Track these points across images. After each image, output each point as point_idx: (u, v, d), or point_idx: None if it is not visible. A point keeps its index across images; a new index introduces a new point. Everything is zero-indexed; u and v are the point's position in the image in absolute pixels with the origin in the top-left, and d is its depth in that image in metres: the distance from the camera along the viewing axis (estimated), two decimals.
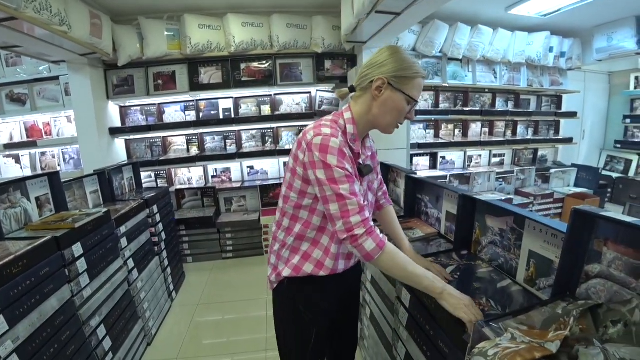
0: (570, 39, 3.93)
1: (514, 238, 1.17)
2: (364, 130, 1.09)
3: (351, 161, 1.00)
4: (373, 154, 1.22)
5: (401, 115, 1.03)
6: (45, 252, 1.36)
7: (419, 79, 1.01)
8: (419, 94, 1.02)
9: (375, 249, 0.92)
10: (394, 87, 0.98)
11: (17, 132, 3.52)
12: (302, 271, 1.07)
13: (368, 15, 2.24)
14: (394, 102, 1.00)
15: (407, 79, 0.98)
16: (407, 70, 0.98)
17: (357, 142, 1.05)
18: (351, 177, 0.96)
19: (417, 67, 1.01)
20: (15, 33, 2.13)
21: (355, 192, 0.95)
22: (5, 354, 1.10)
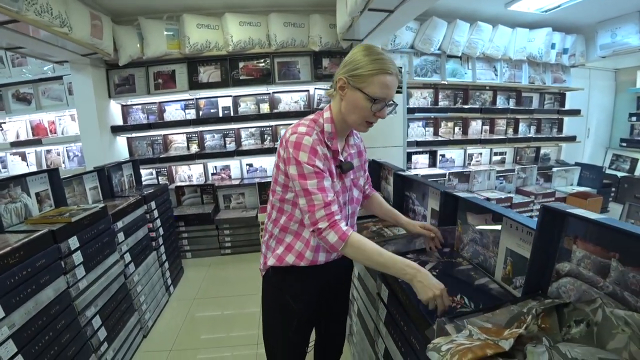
0: (573, 35, 3.87)
1: (492, 236, 1.18)
2: (343, 129, 1.12)
3: (326, 158, 1.03)
4: (360, 152, 1.25)
5: (365, 113, 1.02)
6: (42, 245, 1.41)
7: (380, 76, 0.98)
8: (382, 91, 0.99)
9: (337, 241, 0.97)
10: (352, 86, 1.01)
11: (24, 131, 3.61)
12: (285, 261, 1.12)
13: (361, 13, 2.25)
14: (354, 100, 1.01)
15: (363, 77, 0.99)
16: (363, 69, 0.98)
17: (335, 140, 1.08)
18: (321, 174, 0.99)
19: (378, 64, 0.98)
20: (19, 35, 2.20)
21: (324, 187, 0.99)
22: (1, 339, 1.15)
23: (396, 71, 1.02)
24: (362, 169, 1.26)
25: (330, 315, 1.39)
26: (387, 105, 1.04)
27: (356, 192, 1.20)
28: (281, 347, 1.23)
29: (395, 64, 1.04)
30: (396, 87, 1.04)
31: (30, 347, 1.26)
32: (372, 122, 1.06)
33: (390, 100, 1.04)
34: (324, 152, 1.03)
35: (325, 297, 1.28)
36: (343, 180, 1.12)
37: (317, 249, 1.11)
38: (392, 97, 1.04)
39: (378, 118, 1.05)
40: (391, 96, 1.03)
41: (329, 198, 0.99)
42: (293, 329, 1.19)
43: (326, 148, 1.06)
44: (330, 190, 1.01)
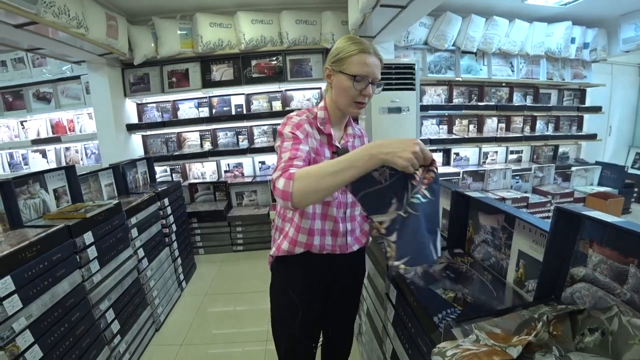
0: (595, 28, 3.74)
1: (504, 237, 1.15)
2: (337, 116, 1.16)
3: (311, 136, 1.08)
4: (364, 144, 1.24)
5: (350, 93, 1.06)
6: (58, 239, 1.45)
7: (358, 56, 1.04)
8: (362, 68, 1.03)
9: (286, 182, 0.85)
10: (335, 71, 1.08)
11: (44, 129, 3.73)
12: (281, 249, 1.15)
13: (373, 9, 2.22)
14: (339, 83, 1.07)
15: (342, 59, 1.05)
16: (343, 52, 1.06)
17: (328, 125, 1.13)
18: (298, 139, 1.01)
19: (356, 45, 1.04)
20: (38, 36, 2.27)
21: (297, 148, 0.98)
22: (19, 329, 1.20)
23: (377, 53, 1.07)
24: None
25: (338, 316, 1.39)
26: (372, 84, 1.07)
27: None
28: (284, 341, 1.24)
29: (373, 46, 1.08)
30: (378, 67, 1.07)
31: (46, 338, 1.30)
32: (361, 101, 1.08)
33: (375, 79, 1.07)
34: (310, 131, 1.08)
35: (333, 297, 1.28)
36: None
37: (311, 232, 1.12)
38: (375, 76, 1.07)
39: (366, 97, 1.08)
40: (373, 74, 1.06)
41: (296, 155, 0.96)
42: (296, 324, 1.19)
43: (318, 132, 1.11)
44: (301, 151, 0.98)
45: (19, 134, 3.79)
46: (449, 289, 1.08)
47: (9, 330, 1.16)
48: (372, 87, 1.08)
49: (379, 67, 1.08)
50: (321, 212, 1.13)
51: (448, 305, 1.00)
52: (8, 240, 1.34)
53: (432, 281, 1.13)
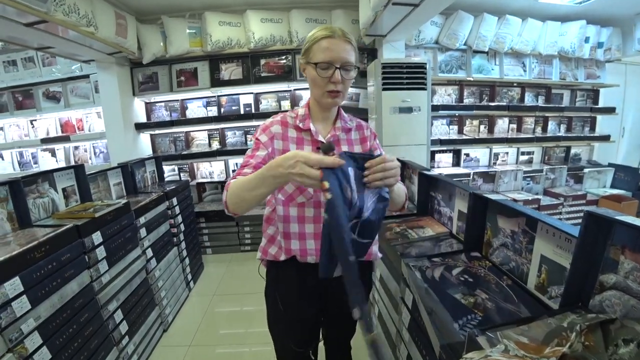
0: (609, 28, 3.65)
1: (525, 241, 1.11)
2: (319, 110, 1.11)
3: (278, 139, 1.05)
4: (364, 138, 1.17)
5: (319, 82, 1.01)
6: (67, 239, 1.44)
7: (319, 42, 0.99)
8: (324, 54, 0.98)
9: (224, 191, 0.96)
10: (305, 64, 1.05)
11: (53, 128, 3.75)
12: (269, 253, 1.12)
13: (385, 7, 2.19)
14: (309, 75, 1.04)
15: (308, 50, 1.03)
16: (306, 44, 1.03)
17: (307, 121, 1.08)
18: (257, 144, 1.04)
19: (318, 33, 1.01)
20: (48, 35, 2.27)
21: (252, 155, 1.02)
22: (28, 330, 1.19)
23: (345, 35, 1.00)
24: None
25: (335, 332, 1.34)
26: (342, 69, 0.99)
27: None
28: (276, 346, 1.23)
29: (337, 28, 1.01)
30: (348, 50, 1.00)
31: (54, 339, 1.28)
32: (332, 89, 1.00)
33: (346, 64, 0.99)
34: (279, 132, 1.06)
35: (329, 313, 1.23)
36: None
37: (287, 235, 1.07)
38: (344, 60, 0.99)
39: (337, 84, 1.00)
40: (340, 59, 0.98)
41: (248, 162, 1.00)
42: (281, 331, 1.18)
43: (297, 130, 1.08)
44: (257, 158, 1.01)
45: (28, 133, 3.81)
46: (467, 294, 1.04)
47: (17, 331, 1.14)
48: (342, 73, 0.99)
49: (348, 50, 1.00)
50: (297, 215, 1.06)
51: (468, 311, 0.96)
52: (17, 240, 1.33)
53: (449, 285, 1.09)
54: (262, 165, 0.98)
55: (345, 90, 1.05)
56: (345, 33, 1.01)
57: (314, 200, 1.06)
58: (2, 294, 1.10)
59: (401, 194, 1.13)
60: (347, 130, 1.14)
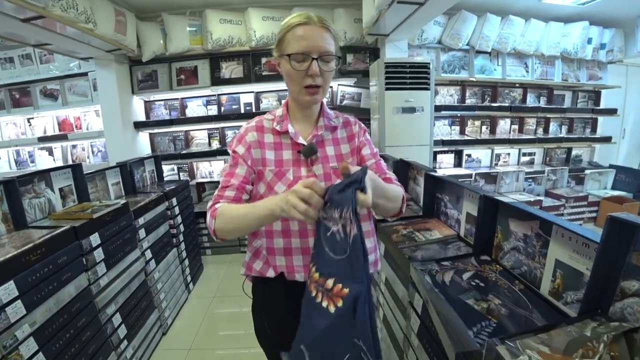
0: (612, 29, 3.65)
1: (539, 245, 1.08)
2: (297, 109, 1.00)
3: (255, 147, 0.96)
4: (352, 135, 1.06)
5: (295, 77, 0.90)
6: (64, 241, 1.40)
7: (291, 31, 0.88)
8: (297, 43, 0.87)
9: (210, 219, 0.89)
10: (278, 57, 0.94)
11: (50, 126, 3.69)
12: (253, 269, 1.02)
13: (390, 6, 2.16)
14: (284, 69, 0.92)
15: (281, 42, 0.92)
16: (279, 35, 0.92)
17: (286, 122, 0.98)
18: (235, 159, 0.95)
19: (290, 21, 0.90)
20: (46, 31, 2.22)
21: (231, 173, 0.94)
22: (23, 337, 1.14)
23: (322, 21, 0.89)
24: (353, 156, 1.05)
25: None
26: (320, 60, 0.88)
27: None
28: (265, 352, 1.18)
29: (313, 15, 0.90)
30: (325, 38, 0.88)
31: (50, 346, 1.24)
32: (310, 84, 0.89)
33: (324, 53, 0.88)
34: (254, 140, 0.96)
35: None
36: (309, 167, 0.96)
37: (270, 250, 0.98)
38: (322, 50, 0.88)
39: (315, 77, 0.89)
40: (317, 48, 0.87)
41: (229, 182, 0.92)
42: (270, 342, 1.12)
43: (273, 134, 0.98)
44: (237, 177, 0.93)
45: (25, 131, 3.75)
46: (480, 300, 1.01)
47: (12, 338, 1.10)
48: (320, 64, 0.88)
49: (326, 38, 0.88)
50: (281, 229, 0.95)
51: (482, 317, 0.93)
52: (12, 242, 1.29)
53: (461, 290, 1.06)
54: (244, 186, 0.93)
55: (326, 85, 0.93)
56: (322, 19, 0.90)
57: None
58: None
59: (397, 198, 1.02)
60: (331, 128, 1.03)
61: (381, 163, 1.08)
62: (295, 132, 0.97)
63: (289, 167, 0.96)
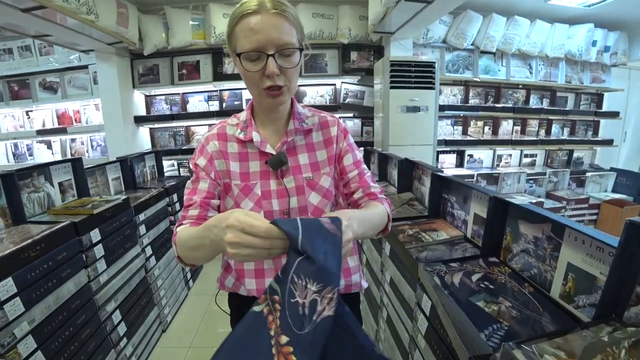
0: (616, 32, 3.64)
1: (550, 248, 1.06)
2: (263, 112, 0.88)
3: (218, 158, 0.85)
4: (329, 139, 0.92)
5: (251, 79, 0.76)
6: (63, 237, 1.37)
7: (239, 24, 0.72)
8: (247, 39, 0.71)
9: (173, 246, 0.77)
10: (232, 53, 0.78)
11: (49, 119, 3.64)
12: (225, 285, 0.94)
13: (397, 4, 2.14)
14: (239, 68, 0.77)
15: (230, 37, 0.77)
16: (227, 28, 0.76)
17: (250, 129, 0.86)
18: (197, 173, 0.84)
19: (237, 10, 0.74)
20: (46, 22, 2.18)
21: (193, 189, 0.83)
22: (21, 334, 1.12)
23: (266, 5, 0.71)
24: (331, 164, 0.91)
25: None
26: (276, 56, 0.73)
27: (315, 197, 0.87)
28: None
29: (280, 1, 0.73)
30: (278, 27, 0.71)
31: (50, 343, 1.22)
32: (269, 85, 0.75)
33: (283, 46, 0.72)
34: (216, 150, 0.85)
35: None
36: (279, 180, 0.85)
37: (240, 273, 0.89)
38: (275, 43, 0.71)
39: (273, 78, 0.74)
40: (269, 42, 0.71)
41: (191, 201, 0.81)
42: None
43: (237, 143, 0.86)
44: (200, 193, 0.82)
45: (24, 124, 3.70)
46: (490, 302, 0.99)
47: (10, 336, 1.07)
48: (278, 61, 0.73)
49: (282, 28, 0.72)
50: None
51: (493, 320, 0.91)
52: (10, 238, 1.26)
53: (470, 292, 1.04)
54: (209, 201, 0.82)
55: (291, 83, 0.78)
56: (277, 3, 0.72)
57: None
58: None
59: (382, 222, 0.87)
60: (305, 132, 0.90)
61: (365, 174, 0.95)
62: (262, 141, 0.85)
63: (257, 181, 0.84)
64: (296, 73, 0.79)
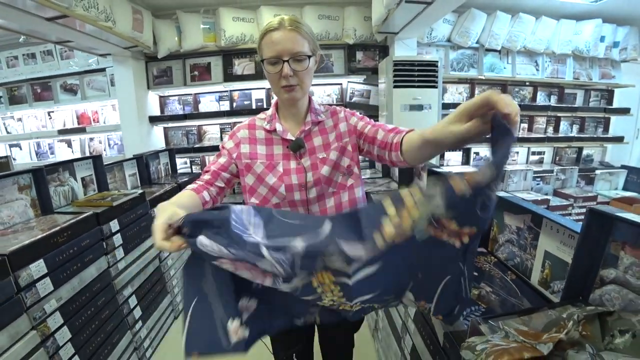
0: (626, 27, 3.59)
1: (530, 237, 1.13)
2: (285, 107, 1.08)
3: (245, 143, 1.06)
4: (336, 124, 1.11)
5: (272, 79, 0.99)
6: (87, 226, 1.52)
7: (264, 38, 0.97)
8: (269, 49, 0.95)
9: None
10: (260, 62, 1.01)
11: (70, 119, 3.85)
12: None
13: (398, 5, 2.20)
14: (265, 72, 1.01)
15: (259, 49, 1.01)
16: (258, 41, 1.01)
17: (274, 121, 1.08)
18: (222, 150, 1.09)
19: (263, 29, 0.97)
20: (68, 29, 2.33)
21: (213, 161, 1.07)
22: (50, 310, 1.26)
23: (292, 23, 0.95)
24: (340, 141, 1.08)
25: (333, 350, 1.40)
26: (291, 61, 0.95)
27: (326, 169, 1.04)
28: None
29: (286, 18, 0.96)
30: (294, 40, 0.94)
31: (74, 320, 1.36)
32: (285, 84, 0.97)
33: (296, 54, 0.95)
34: (245, 137, 1.07)
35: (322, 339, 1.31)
36: (298, 160, 1.06)
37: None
38: (292, 51, 0.94)
39: (287, 78, 0.96)
40: (286, 50, 0.94)
41: (209, 168, 1.06)
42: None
43: (264, 131, 1.08)
44: (217, 164, 1.06)
45: (46, 124, 3.91)
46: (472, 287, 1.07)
47: (40, 311, 1.21)
48: (292, 65, 0.95)
49: (296, 40, 0.95)
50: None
51: (472, 302, 0.99)
52: (40, 226, 1.40)
53: None
54: (220, 172, 1.05)
55: (303, 83, 1.00)
56: (293, 22, 0.95)
57: (289, 200, 1.04)
58: (27, 274, 1.17)
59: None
60: (314, 123, 1.10)
61: (382, 125, 1.07)
62: (283, 130, 1.06)
63: (279, 161, 1.05)
64: (307, 74, 1.00)
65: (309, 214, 1.06)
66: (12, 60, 3.59)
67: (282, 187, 1.02)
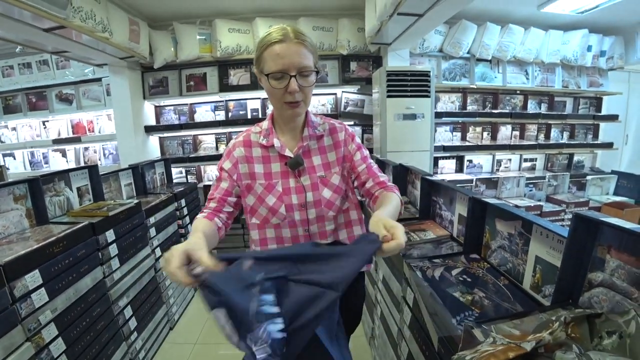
0: (612, 36, 3.70)
1: (521, 243, 1.16)
2: (282, 122, 1.05)
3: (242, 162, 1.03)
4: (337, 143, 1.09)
5: (275, 94, 0.94)
6: (82, 236, 1.51)
7: (267, 50, 0.90)
8: (274, 62, 0.89)
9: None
10: (259, 74, 0.97)
11: (65, 129, 3.84)
12: None
13: (390, 17, 2.26)
14: (265, 87, 0.96)
15: (259, 59, 0.94)
16: (257, 52, 0.95)
17: (271, 136, 1.03)
18: (220, 174, 1.04)
19: (264, 39, 0.92)
20: (64, 39, 2.35)
21: (215, 186, 1.04)
22: (45, 321, 1.25)
23: (298, 36, 0.90)
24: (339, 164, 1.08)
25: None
26: (299, 76, 0.91)
27: (327, 192, 1.05)
28: None
29: (290, 29, 0.90)
30: (301, 54, 0.90)
31: (69, 332, 1.35)
32: (290, 100, 0.94)
33: (303, 69, 0.91)
34: (241, 155, 1.03)
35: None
36: (297, 178, 1.03)
37: (264, 241, 1.07)
38: (299, 66, 0.90)
39: (294, 94, 0.92)
40: (293, 65, 0.89)
41: (213, 196, 1.02)
42: None
43: (261, 148, 1.04)
44: (220, 190, 1.02)
45: (40, 134, 3.91)
46: (466, 293, 1.09)
47: (35, 322, 1.20)
48: (299, 80, 0.91)
49: (303, 54, 0.90)
50: (275, 236, 1.05)
51: (466, 307, 1.01)
52: (35, 236, 1.40)
53: (449, 284, 1.14)
54: (226, 198, 1.01)
55: (307, 98, 0.97)
56: (298, 34, 0.91)
57: (289, 221, 1.03)
58: (23, 285, 1.17)
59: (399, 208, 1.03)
60: (317, 137, 1.07)
61: (372, 165, 1.12)
62: (281, 146, 1.02)
63: (278, 179, 1.02)
64: (311, 90, 0.98)
65: (308, 234, 1.07)
66: (8, 69, 3.60)
67: (282, 208, 1.01)
